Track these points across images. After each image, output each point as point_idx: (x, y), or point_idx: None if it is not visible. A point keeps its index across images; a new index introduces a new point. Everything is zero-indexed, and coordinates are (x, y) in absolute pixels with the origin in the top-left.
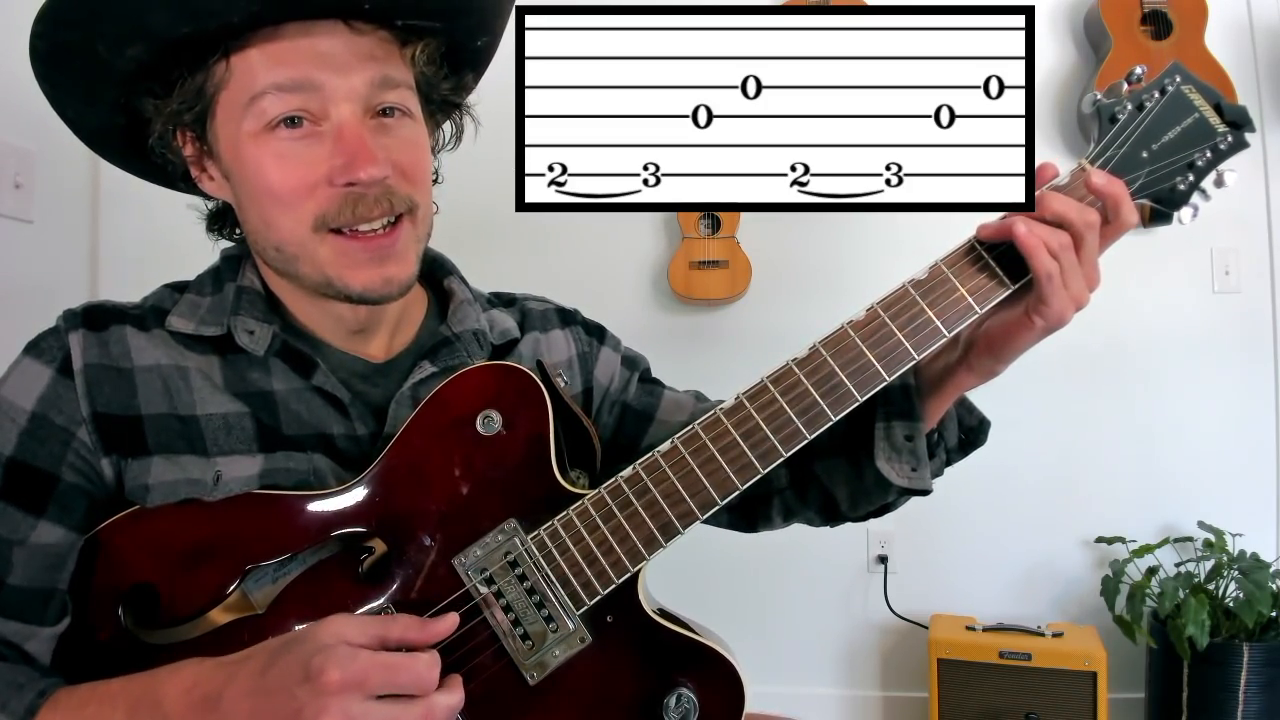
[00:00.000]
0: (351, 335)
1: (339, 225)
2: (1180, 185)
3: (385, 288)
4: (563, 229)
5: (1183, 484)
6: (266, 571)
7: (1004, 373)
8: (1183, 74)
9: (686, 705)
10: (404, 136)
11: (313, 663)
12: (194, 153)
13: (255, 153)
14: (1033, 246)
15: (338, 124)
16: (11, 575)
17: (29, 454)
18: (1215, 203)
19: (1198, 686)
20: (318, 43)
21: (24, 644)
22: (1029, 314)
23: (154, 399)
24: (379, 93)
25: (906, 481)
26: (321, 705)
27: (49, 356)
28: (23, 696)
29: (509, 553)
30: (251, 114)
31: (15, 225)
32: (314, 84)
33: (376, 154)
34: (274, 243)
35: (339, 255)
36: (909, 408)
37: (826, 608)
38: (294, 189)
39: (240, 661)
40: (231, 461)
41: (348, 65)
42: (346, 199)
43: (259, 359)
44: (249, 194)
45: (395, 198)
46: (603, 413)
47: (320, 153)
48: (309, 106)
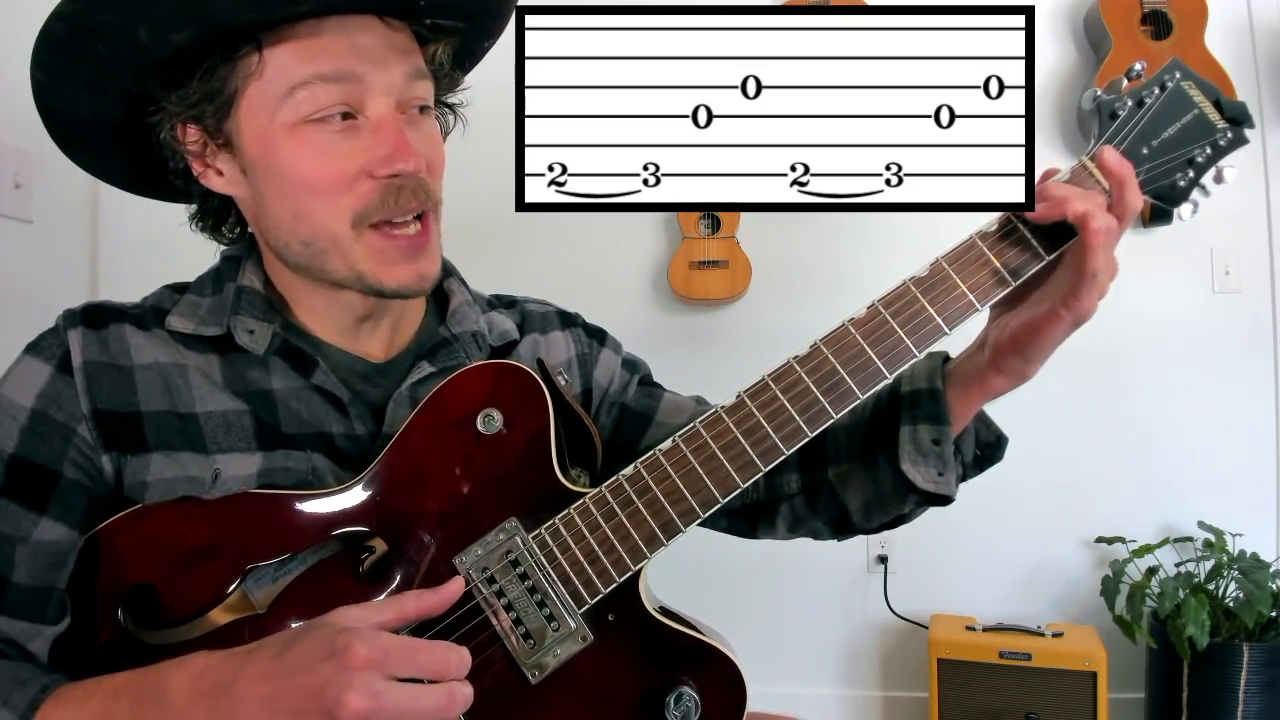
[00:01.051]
0: (353, 331)
1: (378, 219)
2: (1180, 181)
3: (419, 284)
4: (563, 229)
5: (1183, 484)
6: (267, 571)
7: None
8: (1182, 70)
9: (688, 703)
10: (429, 132)
11: (337, 640)
12: (199, 146)
13: (291, 145)
14: (1099, 244)
15: (376, 117)
16: (15, 574)
17: (31, 451)
18: (1215, 202)
19: (1198, 686)
20: (356, 37)
21: (27, 643)
22: (1057, 309)
23: (154, 396)
24: (412, 86)
25: (932, 486)
26: (346, 680)
27: (48, 354)
28: (25, 691)
29: (510, 551)
30: (289, 105)
31: (15, 225)
32: (356, 75)
33: (415, 147)
34: (303, 237)
35: (375, 253)
36: (937, 411)
37: (826, 608)
38: (334, 181)
39: (252, 650)
40: (230, 459)
41: (386, 59)
42: (387, 191)
43: (258, 358)
44: (278, 187)
45: (428, 191)
46: (601, 414)
47: (358, 145)
48: (350, 99)
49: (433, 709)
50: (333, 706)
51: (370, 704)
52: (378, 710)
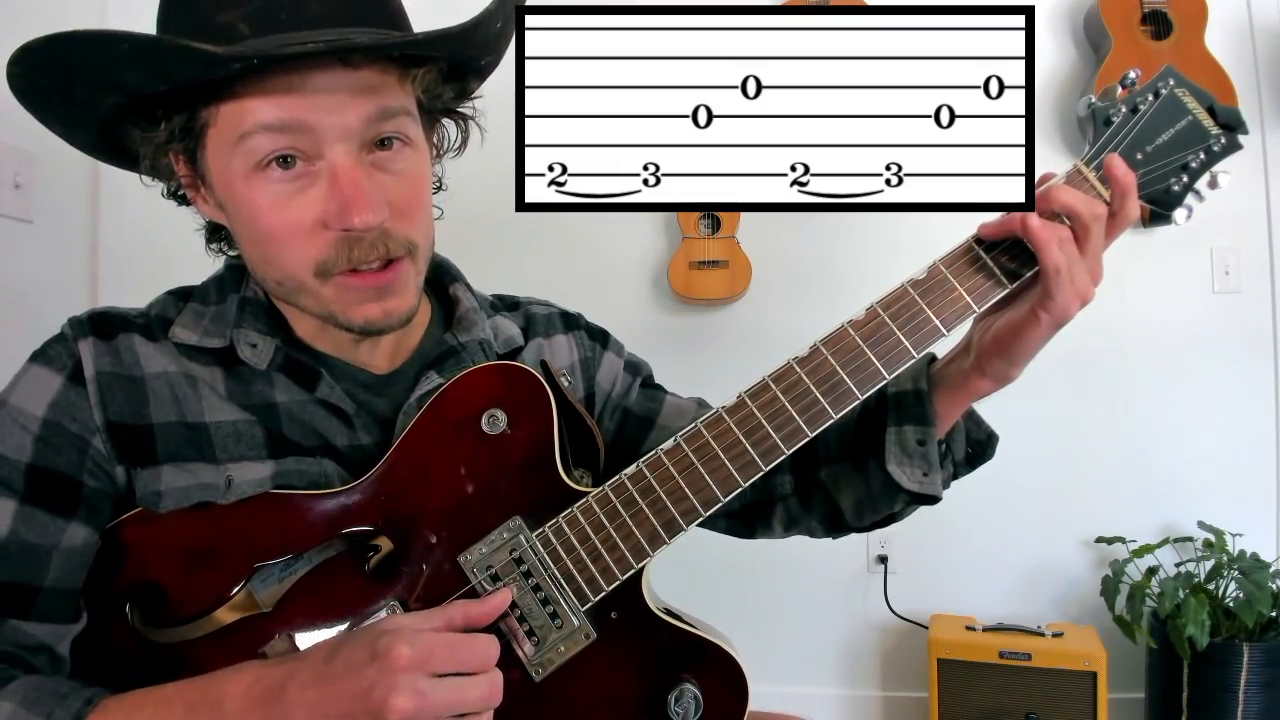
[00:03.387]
0: (354, 345)
1: (340, 270)
2: (1175, 186)
3: (386, 319)
4: (563, 229)
5: (1183, 484)
6: (273, 570)
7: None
8: (1176, 77)
9: (690, 701)
10: (400, 171)
11: (380, 643)
12: (188, 176)
13: (247, 193)
14: (1044, 240)
15: (331, 166)
16: (47, 579)
17: (47, 460)
18: (1215, 203)
19: (1198, 686)
20: (310, 79)
21: (56, 645)
22: (1035, 310)
23: (164, 406)
24: (375, 125)
25: (917, 486)
26: (391, 683)
27: (58, 364)
28: (69, 705)
29: (514, 550)
30: (240, 153)
31: (15, 225)
32: (304, 125)
33: (372, 198)
34: (274, 278)
35: (341, 294)
36: (922, 412)
37: (826, 608)
38: (290, 232)
39: (301, 657)
40: (242, 467)
41: (341, 103)
42: (343, 244)
43: (262, 372)
44: (245, 232)
45: (392, 241)
46: (604, 417)
47: (315, 194)
48: (300, 145)
49: (478, 700)
50: (380, 708)
51: (417, 703)
52: (424, 709)
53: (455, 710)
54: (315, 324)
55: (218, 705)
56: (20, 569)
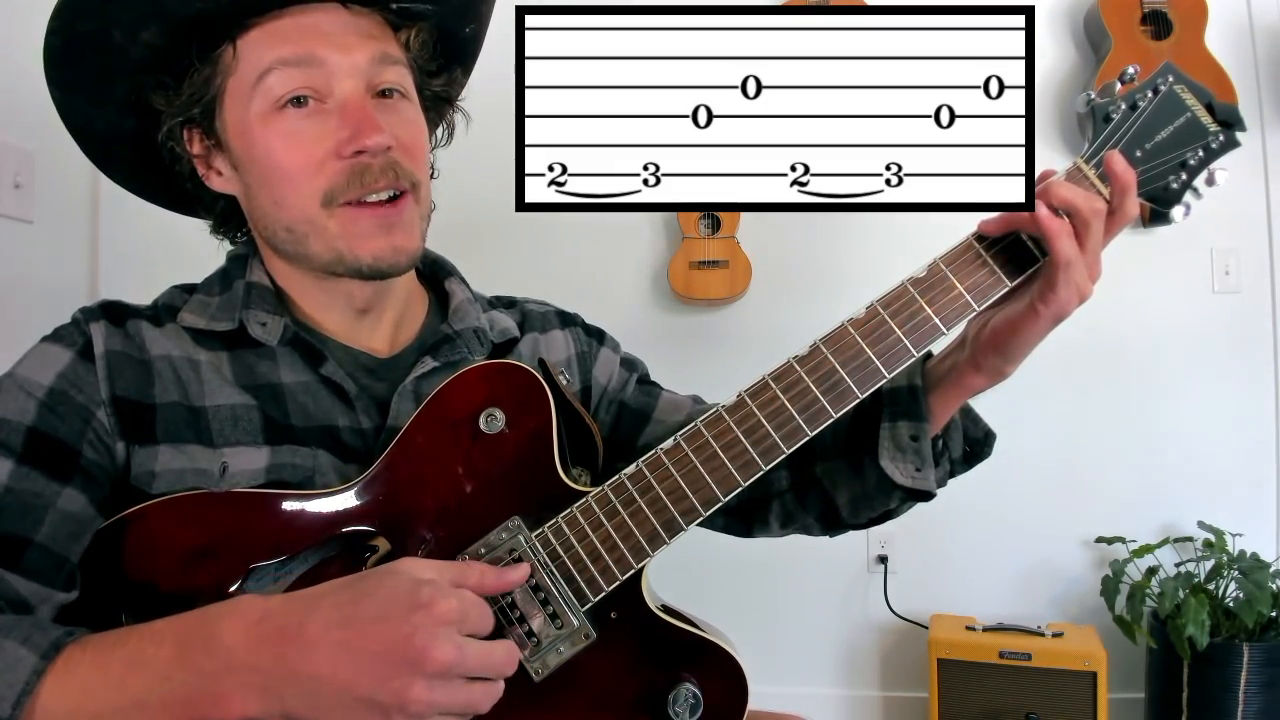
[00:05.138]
0: (356, 325)
1: (347, 198)
2: (1173, 184)
3: (395, 256)
4: (563, 229)
5: (1183, 484)
6: (268, 571)
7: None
8: (1175, 74)
9: (690, 700)
10: (404, 115)
11: (423, 591)
12: (201, 149)
13: (263, 133)
14: (1055, 231)
15: (342, 99)
16: (39, 534)
17: (49, 426)
18: (1215, 203)
19: (1198, 686)
20: (319, 21)
21: (39, 606)
22: (1035, 305)
23: (168, 388)
24: (379, 70)
25: (910, 481)
26: (434, 633)
27: (69, 341)
28: (48, 633)
29: (513, 550)
30: (259, 93)
31: (15, 225)
32: (317, 59)
33: (380, 123)
34: (285, 223)
35: (347, 226)
36: (915, 408)
37: (826, 608)
38: (302, 165)
39: (316, 596)
40: (238, 453)
41: (349, 43)
42: (353, 170)
43: (268, 352)
44: (258, 176)
45: (400, 170)
46: (600, 411)
47: (326, 128)
48: (314, 84)
49: (500, 664)
50: (419, 656)
51: (456, 656)
52: (461, 663)
53: (485, 673)
54: (321, 296)
55: (214, 641)
56: (13, 521)
